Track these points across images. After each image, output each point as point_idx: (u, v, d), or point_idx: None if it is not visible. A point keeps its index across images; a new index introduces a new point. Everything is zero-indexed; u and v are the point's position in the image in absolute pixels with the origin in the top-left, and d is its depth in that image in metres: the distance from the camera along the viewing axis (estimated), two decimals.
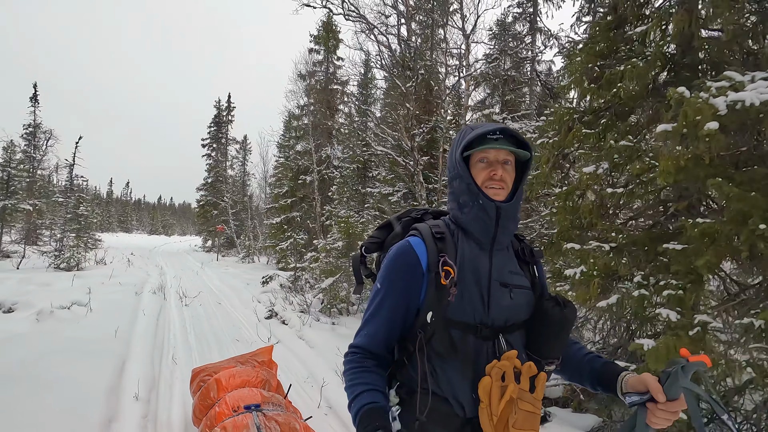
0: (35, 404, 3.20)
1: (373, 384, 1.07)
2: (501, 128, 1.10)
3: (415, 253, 1.10)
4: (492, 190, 1.10)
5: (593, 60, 4.01)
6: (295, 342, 6.26)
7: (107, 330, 5.62)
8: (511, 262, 1.16)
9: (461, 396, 1.05)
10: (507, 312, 1.09)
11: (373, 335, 1.11)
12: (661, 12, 3.30)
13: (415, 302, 1.09)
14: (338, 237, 8.01)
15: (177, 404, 3.91)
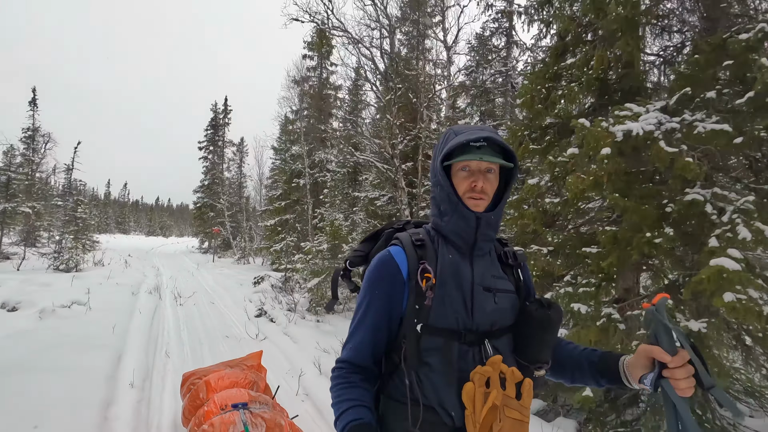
0: (44, 388, 3.66)
1: (358, 400, 1.05)
2: (485, 136, 1.06)
3: (395, 262, 1.09)
4: (472, 201, 1.08)
5: (542, 82, 4.48)
6: (281, 338, 6.72)
7: (105, 327, 6.07)
8: (493, 267, 1.15)
9: (448, 404, 1.03)
10: (492, 316, 1.08)
11: (358, 348, 1.10)
12: (586, 49, 3.77)
13: (398, 311, 1.08)
14: (324, 239, 8.46)
15: (168, 392, 4.36)
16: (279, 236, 17.02)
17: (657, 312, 0.93)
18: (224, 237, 27.56)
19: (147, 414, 3.80)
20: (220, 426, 2.59)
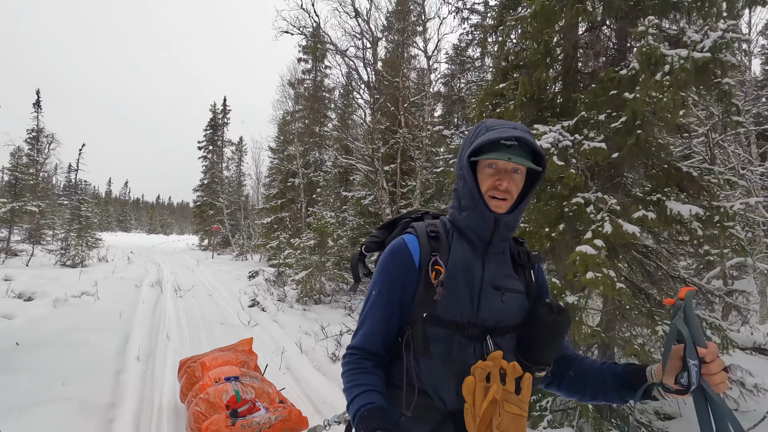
0: (66, 358, 4.41)
1: (371, 385, 1.05)
2: (517, 136, 1.03)
3: (409, 250, 1.10)
4: (494, 201, 1.06)
5: (490, 99, 5.20)
6: (270, 324, 7.47)
7: (113, 314, 6.83)
8: (506, 266, 1.14)
9: (442, 391, 1.05)
10: (498, 314, 1.08)
11: (369, 334, 1.10)
12: (516, 74, 4.49)
13: (409, 297, 1.09)
14: (312, 236, 9.20)
15: (169, 366, 5.09)
16: (275, 234, 17.78)
17: (687, 306, 0.91)
18: (223, 234, 28.32)
19: (151, 381, 4.55)
20: (215, 394, 2.92)
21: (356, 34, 9.27)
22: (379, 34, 10.09)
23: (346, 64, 9.18)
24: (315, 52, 20.22)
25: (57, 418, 3.05)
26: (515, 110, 4.58)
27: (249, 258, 23.16)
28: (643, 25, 3.11)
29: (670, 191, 3.31)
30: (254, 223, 25.21)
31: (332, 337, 5.99)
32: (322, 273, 9.54)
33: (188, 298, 9.97)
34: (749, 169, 8.12)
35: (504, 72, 5.19)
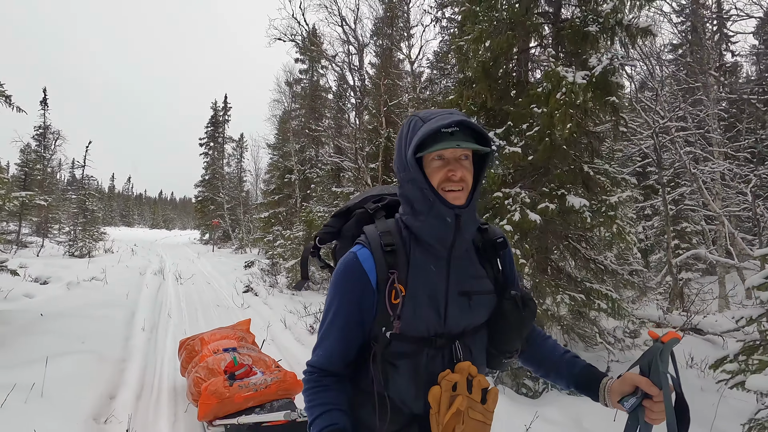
0: (83, 326, 5.25)
1: (331, 404, 1.03)
2: (457, 120, 0.96)
3: (363, 269, 1.02)
4: (451, 193, 0.98)
5: (449, 103, 5.98)
6: (261, 306, 8.32)
7: (120, 295, 7.68)
8: (472, 266, 1.09)
9: (410, 402, 1.03)
10: (465, 320, 1.05)
11: (329, 354, 1.06)
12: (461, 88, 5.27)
13: (369, 317, 1.03)
14: (301, 228, 10.03)
15: (170, 337, 5.93)
16: (273, 228, 18.61)
17: (665, 350, 0.95)
18: (224, 229, 29.19)
19: (155, 346, 5.39)
20: (214, 363, 3.08)
21: (344, 41, 10.05)
22: (366, 41, 10.85)
23: (334, 70, 9.96)
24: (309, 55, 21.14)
25: (82, 363, 3.88)
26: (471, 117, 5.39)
27: (248, 251, 24.01)
28: (544, 55, 3.89)
29: (572, 187, 4.10)
30: (253, 217, 26.04)
31: (312, 315, 6.82)
32: (311, 262, 10.35)
33: (188, 284, 10.82)
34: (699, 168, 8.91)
35: (462, 83, 5.99)
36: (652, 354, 0.97)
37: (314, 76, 21.41)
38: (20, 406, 2.80)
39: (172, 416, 3.41)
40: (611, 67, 3.88)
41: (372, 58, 12.41)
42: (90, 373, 3.73)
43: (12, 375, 3.32)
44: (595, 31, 4.24)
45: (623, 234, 3.82)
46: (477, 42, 4.72)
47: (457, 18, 9.90)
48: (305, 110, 19.37)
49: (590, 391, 1.08)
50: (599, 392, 1.05)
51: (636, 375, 0.99)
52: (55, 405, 2.93)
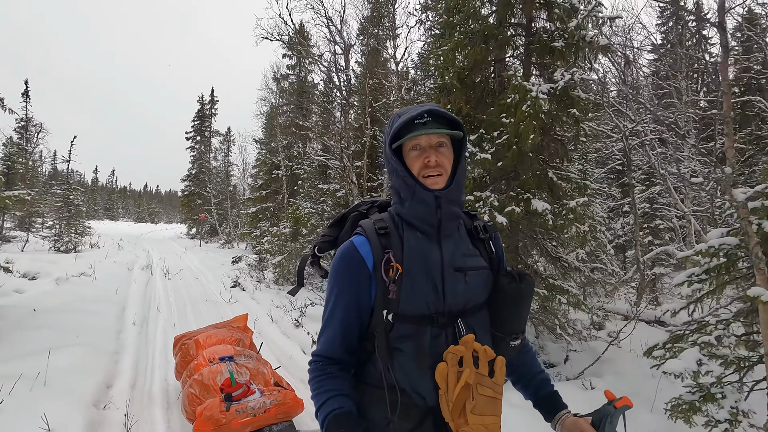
0: (75, 322, 5.46)
1: (337, 389, 1.06)
2: (427, 110, 1.05)
3: (359, 254, 1.07)
4: (430, 179, 1.06)
5: None
6: (248, 301, 8.57)
7: (110, 290, 7.86)
8: (463, 244, 1.13)
9: (421, 387, 1.04)
10: (464, 297, 1.08)
11: (331, 341, 1.10)
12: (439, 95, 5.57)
13: (367, 303, 1.07)
14: (287, 225, 10.28)
15: (160, 330, 6.16)
16: (260, 223, 18.77)
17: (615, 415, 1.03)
18: (211, 223, 29.17)
19: (146, 339, 5.63)
20: (209, 375, 2.89)
21: (330, 41, 10.26)
22: (352, 41, 11.06)
23: (320, 70, 10.17)
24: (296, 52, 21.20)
25: (78, 355, 4.12)
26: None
27: (235, 246, 24.10)
28: (511, 69, 4.21)
29: (538, 192, 4.45)
30: (240, 212, 26.10)
31: (297, 309, 7.11)
32: (298, 258, 10.64)
33: (176, 280, 10.99)
34: (667, 170, 9.38)
35: (440, 90, 6.29)
36: (604, 414, 1.06)
37: (301, 71, 21.51)
38: (27, 393, 3.05)
39: (165, 402, 3.68)
40: (572, 81, 4.22)
41: (358, 57, 12.62)
42: (87, 365, 3.97)
43: (13, 367, 3.55)
44: (561, 47, 4.57)
45: (584, 235, 4.18)
46: (453, 52, 5.02)
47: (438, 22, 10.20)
48: (293, 106, 19.48)
49: (546, 414, 1.18)
50: (553, 421, 1.15)
51: (587, 425, 1.07)
52: (58, 393, 3.18)
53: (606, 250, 8.08)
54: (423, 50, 10.76)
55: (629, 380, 4.30)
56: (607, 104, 7.74)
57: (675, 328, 2.87)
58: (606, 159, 11.47)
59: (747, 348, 2.55)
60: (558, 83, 4.21)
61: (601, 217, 8.51)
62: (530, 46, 4.85)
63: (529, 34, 5.15)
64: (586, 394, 3.98)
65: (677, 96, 11.88)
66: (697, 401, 2.32)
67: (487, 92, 5.42)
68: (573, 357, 4.67)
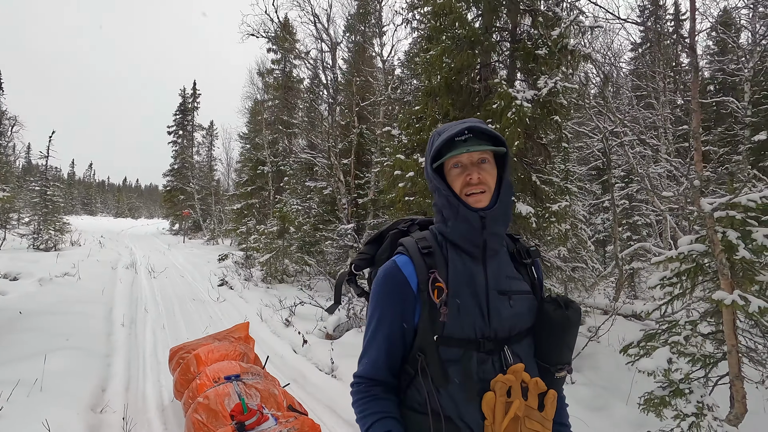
0: (63, 324, 5.44)
1: (384, 412, 1.04)
2: (468, 127, 1.04)
3: (403, 274, 1.04)
4: (473, 197, 1.03)
5: (416, 113, 6.40)
6: (237, 300, 8.60)
7: (95, 290, 7.80)
8: (507, 267, 1.10)
9: (467, 417, 0.98)
10: (509, 321, 1.04)
11: (374, 363, 1.07)
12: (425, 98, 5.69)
13: (411, 324, 1.04)
14: (275, 223, 10.30)
15: (149, 331, 6.17)
16: (245, 219, 18.66)
17: None
18: (194, 219, 28.82)
19: (135, 341, 5.65)
20: (216, 398, 2.64)
21: (316, 38, 10.24)
22: (339, 39, 11.06)
23: (307, 67, 10.17)
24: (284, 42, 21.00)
25: (70, 358, 4.15)
26: (431, 125, 5.83)
27: (220, 242, 23.91)
28: (497, 77, 4.36)
29: (522, 195, 4.62)
30: (225, 208, 25.86)
31: (287, 308, 7.19)
32: (285, 256, 10.69)
33: (162, 278, 10.91)
34: (645, 170, 9.72)
35: (427, 94, 6.40)
36: None
37: (287, 66, 21.35)
38: (24, 399, 3.08)
39: (160, 404, 3.75)
40: (555, 89, 4.39)
41: (345, 54, 12.62)
42: (80, 368, 4.00)
43: (7, 372, 3.57)
44: (544, 54, 4.73)
45: (566, 233, 4.38)
46: (440, 58, 5.14)
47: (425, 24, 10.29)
48: (278, 101, 19.34)
49: None
50: None
51: None
52: (56, 397, 3.21)
53: (587, 247, 8.38)
54: (410, 49, 10.84)
55: (607, 374, 4.54)
56: (588, 105, 7.98)
57: (648, 328, 3.07)
58: (588, 157, 11.79)
59: (713, 346, 2.77)
60: (542, 90, 4.37)
61: (582, 215, 8.79)
62: (515, 52, 5.00)
63: (514, 40, 5.29)
64: (567, 389, 4.18)
65: (655, 96, 12.26)
66: (667, 396, 2.52)
67: (473, 96, 5.55)
68: None
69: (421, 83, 6.28)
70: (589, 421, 3.53)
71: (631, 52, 15.97)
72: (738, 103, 12.31)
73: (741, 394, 2.47)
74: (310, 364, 5.04)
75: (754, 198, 2.53)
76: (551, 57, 4.69)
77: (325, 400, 4.01)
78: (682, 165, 9.95)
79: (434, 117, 5.73)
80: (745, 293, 2.39)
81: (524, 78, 5.39)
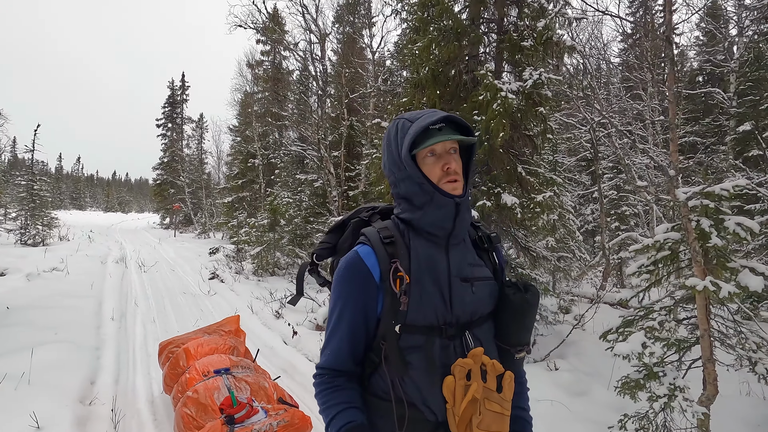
0: (52, 318, 5.43)
1: (347, 402, 1.05)
2: (443, 117, 1.04)
3: (366, 265, 1.05)
4: (449, 185, 1.05)
5: (405, 105, 6.41)
6: (228, 293, 8.62)
7: (85, 285, 7.76)
8: (469, 254, 1.12)
9: (430, 401, 1.01)
10: (471, 307, 1.07)
11: (336, 352, 1.08)
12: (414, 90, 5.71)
13: (374, 313, 1.05)
14: (266, 216, 10.29)
15: (138, 325, 6.17)
16: (236, 212, 18.59)
17: None
18: (185, 213, 28.62)
19: (125, 334, 5.65)
20: (205, 392, 2.62)
21: (305, 29, 10.17)
22: (328, 30, 10.99)
23: (296, 59, 10.10)
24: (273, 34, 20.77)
25: (60, 352, 4.15)
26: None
27: (212, 236, 23.81)
28: (483, 69, 4.39)
29: (508, 186, 4.68)
30: (216, 201, 25.71)
31: (278, 300, 7.23)
32: (276, 249, 10.70)
33: (152, 272, 10.87)
34: (631, 159, 9.84)
35: (414, 85, 6.42)
36: None
37: (276, 58, 21.14)
38: (12, 392, 3.10)
39: (150, 396, 3.78)
40: (540, 81, 4.43)
41: (334, 46, 12.55)
42: (69, 361, 4.01)
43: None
44: (529, 46, 4.76)
45: (553, 223, 4.46)
46: (427, 49, 5.15)
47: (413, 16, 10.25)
48: (268, 93, 19.18)
49: None
50: None
51: None
52: (44, 390, 3.23)
53: (575, 237, 8.50)
54: (399, 40, 10.82)
55: (589, 361, 4.65)
56: (575, 97, 8.04)
57: (627, 313, 3.15)
58: (577, 148, 11.90)
59: (687, 331, 2.86)
60: (527, 82, 4.41)
61: (570, 206, 8.90)
62: (501, 44, 5.02)
63: (501, 32, 5.32)
64: (551, 375, 4.30)
65: (643, 87, 12.37)
66: (642, 379, 2.61)
67: (460, 87, 5.58)
68: (540, 341, 4.99)
69: (410, 75, 6.29)
70: (571, 405, 3.63)
71: (621, 43, 16.08)
72: (724, 94, 12.47)
73: (713, 377, 2.57)
74: (300, 355, 5.09)
75: (727, 187, 2.61)
76: (536, 48, 4.73)
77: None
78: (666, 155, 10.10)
79: (421, 108, 5.74)
80: (717, 279, 2.47)
81: (511, 69, 5.43)
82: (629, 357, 2.80)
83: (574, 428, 3.28)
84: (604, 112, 8.04)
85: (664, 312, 2.70)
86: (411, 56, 5.93)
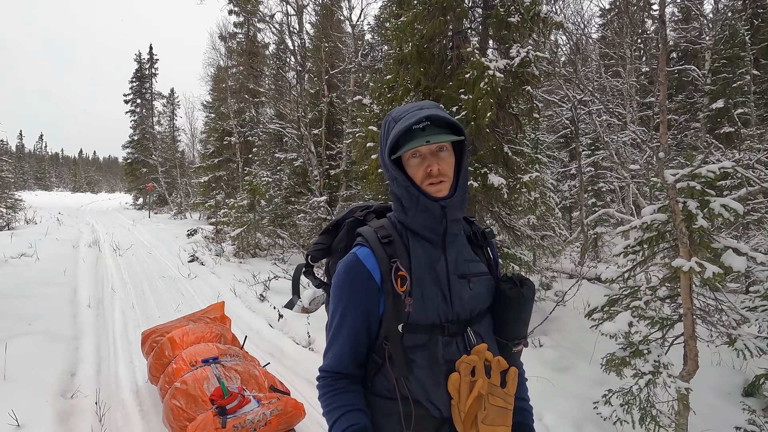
0: (24, 308, 5.20)
1: (349, 404, 1.05)
2: (426, 115, 1.00)
3: (366, 267, 1.04)
4: (432, 187, 1.02)
5: (388, 82, 6.25)
6: (209, 276, 8.45)
7: (57, 271, 7.46)
8: (465, 250, 1.12)
9: (435, 398, 1.02)
10: (470, 303, 1.07)
11: (339, 356, 1.08)
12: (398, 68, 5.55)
13: (375, 315, 1.06)
14: (245, 196, 10.05)
15: (117, 312, 6.00)
16: (213, 192, 18.10)
17: None
18: (159, 193, 27.75)
19: (104, 322, 5.49)
20: (194, 383, 2.56)
21: (282, 0, 9.71)
22: (305, 1, 10.53)
23: (272, 32, 9.67)
24: (246, 5, 19.79)
25: (35, 344, 3.99)
26: (403, 95, 5.71)
27: (188, 216, 23.25)
28: (470, 46, 4.28)
29: (494, 167, 4.66)
30: (192, 181, 24.97)
31: (261, 283, 7.14)
32: (257, 230, 10.51)
33: (128, 256, 10.56)
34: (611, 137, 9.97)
35: (398, 62, 6.24)
36: None
37: (250, 30, 20.24)
38: None
39: (134, 385, 3.69)
40: (527, 59, 4.36)
41: (312, 18, 12.07)
42: (46, 353, 3.86)
43: None
44: (516, 21, 4.66)
45: (534, 201, 4.48)
46: (411, 24, 4.98)
47: None
48: (243, 68, 18.43)
49: None
50: None
51: None
52: (21, 385, 3.11)
53: (554, 214, 8.65)
54: (380, 13, 10.47)
55: (571, 336, 4.79)
56: (557, 74, 8.01)
57: (612, 293, 3.22)
58: (557, 125, 11.98)
59: (670, 309, 2.95)
60: (514, 60, 4.33)
61: (551, 183, 9.01)
62: (488, 19, 4.90)
63: (487, 7, 5.18)
64: (535, 351, 4.41)
65: (622, 65, 12.44)
66: (627, 357, 2.69)
67: (445, 65, 5.45)
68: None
69: (392, 50, 6.10)
70: (555, 380, 3.75)
71: (600, 18, 16.02)
72: (699, 71, 12.68)
73: (694, 353, 2.66)
74: (287, 338, 5.06)
75: (713, 169, 2.64)
76: (523, 24, 4.63)
77: (303, 372, 4.06)
78: (645, 133, 10.28)
79: (406, 86, 5.61)
80: (701, 260, 2.52)
81: (497, 46, 5.32)
82: (616, 336, 2.87)
83: (560, 403, 3.39)
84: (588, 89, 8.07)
85: (650, 292, 2.76)
86: (394, 31, 5.73)
